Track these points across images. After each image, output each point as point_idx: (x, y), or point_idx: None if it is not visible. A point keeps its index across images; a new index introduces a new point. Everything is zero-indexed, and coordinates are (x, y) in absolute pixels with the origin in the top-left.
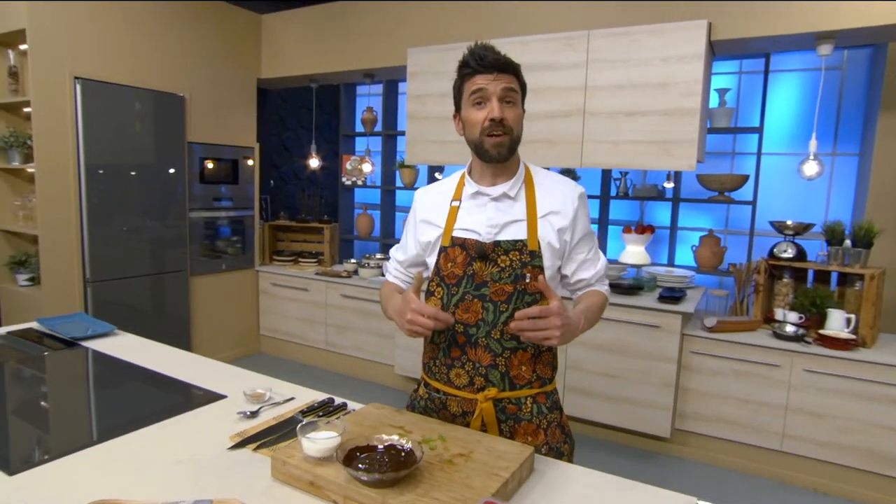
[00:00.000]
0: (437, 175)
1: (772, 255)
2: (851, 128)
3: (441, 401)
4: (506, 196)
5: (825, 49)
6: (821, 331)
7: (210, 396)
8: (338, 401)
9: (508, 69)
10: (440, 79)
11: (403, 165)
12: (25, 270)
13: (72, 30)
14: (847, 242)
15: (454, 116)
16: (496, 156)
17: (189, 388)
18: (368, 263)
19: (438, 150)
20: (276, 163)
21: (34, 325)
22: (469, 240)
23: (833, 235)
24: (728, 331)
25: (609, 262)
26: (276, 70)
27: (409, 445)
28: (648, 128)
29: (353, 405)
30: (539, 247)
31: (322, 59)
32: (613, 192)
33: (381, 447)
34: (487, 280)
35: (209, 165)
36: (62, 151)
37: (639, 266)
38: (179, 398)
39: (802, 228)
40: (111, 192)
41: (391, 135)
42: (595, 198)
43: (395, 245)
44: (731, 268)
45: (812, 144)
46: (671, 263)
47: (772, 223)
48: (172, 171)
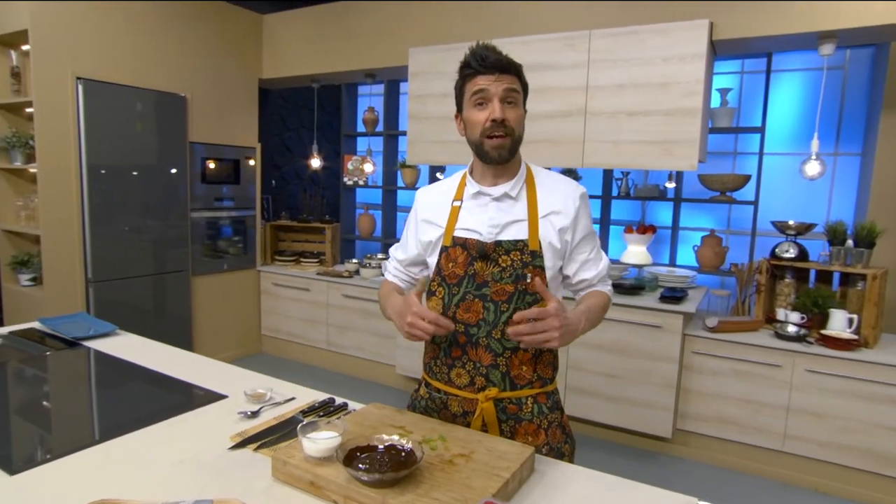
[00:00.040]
0: (439, 175)
1: (774, 255)
2: (853, 127)
3: (442, 401)
4: (507, 196)
5: (827, 49)
6: (823, 331)
7: (211, 396)
8: (338, 401)
9: (510, 70)
10: (441, 79)
11: (405, 165)
12: (27, 270)
13: (74, 30)
14: (849, 242)
15: (456, 117)
16: (496, 158)
17: (190, 388)
18: (370, 263)
19: (440, 150)
20: (278, 163)
21: (36, 325)
22: (470, 240)
23: (835, 235)
24: (730, 331)
25: (611, 263)
26: (278, 70)
27: (410, 445)
28: (650, 128)
29: (354, 405)
30: (540, 247)
31: (323, 59)
32: (615, 192)
33: (382, 447)
34: (488, 280)
35: (211, 165)
36: (64, 151)
37: (640, 266)
38: (180, 398)
39: (804, 228)
40: (113, 192)
41: (392, 135)
42: (596, 198)
43: (395, 244)
44: (733, 268)
45: (814, 144)
46: (673, 263)
47: (774, 223)
48: (174, 171)
